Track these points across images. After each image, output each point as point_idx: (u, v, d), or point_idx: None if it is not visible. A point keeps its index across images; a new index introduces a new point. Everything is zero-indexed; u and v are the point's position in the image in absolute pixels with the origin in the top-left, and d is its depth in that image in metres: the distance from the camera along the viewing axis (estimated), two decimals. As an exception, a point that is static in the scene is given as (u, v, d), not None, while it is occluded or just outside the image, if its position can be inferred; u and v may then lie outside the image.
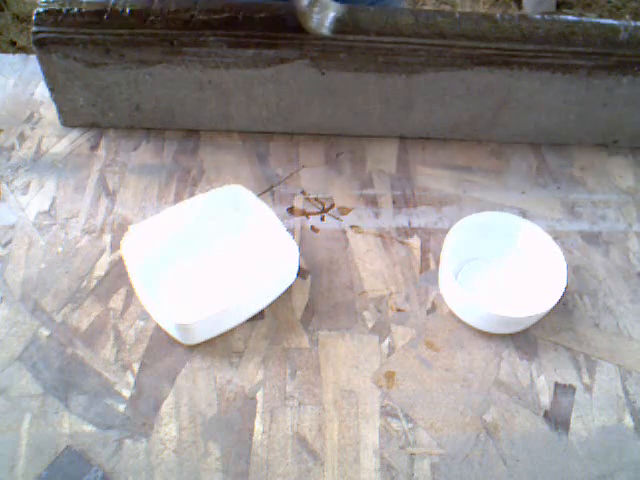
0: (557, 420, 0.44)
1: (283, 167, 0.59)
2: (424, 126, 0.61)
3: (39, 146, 0.59)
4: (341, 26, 0.53)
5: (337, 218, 0.55)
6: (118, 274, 0.50)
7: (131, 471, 0.40)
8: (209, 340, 0.46)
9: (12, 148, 0.58)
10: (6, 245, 0.51)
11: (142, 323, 0.47)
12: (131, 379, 0.44)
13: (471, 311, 0.47)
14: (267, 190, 0.57)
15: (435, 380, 0.46)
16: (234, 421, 0.43)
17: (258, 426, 0.43)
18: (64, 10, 0.53)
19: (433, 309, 0.50)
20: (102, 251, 0.51)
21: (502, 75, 0.55)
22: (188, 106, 0.58)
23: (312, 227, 0.54)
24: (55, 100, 0.58)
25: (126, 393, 0.44)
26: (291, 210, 0.55)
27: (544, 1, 1.90)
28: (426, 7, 1.89)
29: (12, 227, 0.52)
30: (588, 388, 0.46)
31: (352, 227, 0.54)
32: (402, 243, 0.54)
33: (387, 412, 0.44)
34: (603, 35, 0.54)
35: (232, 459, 0.41)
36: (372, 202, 0.56)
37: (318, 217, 0.55)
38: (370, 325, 0.48)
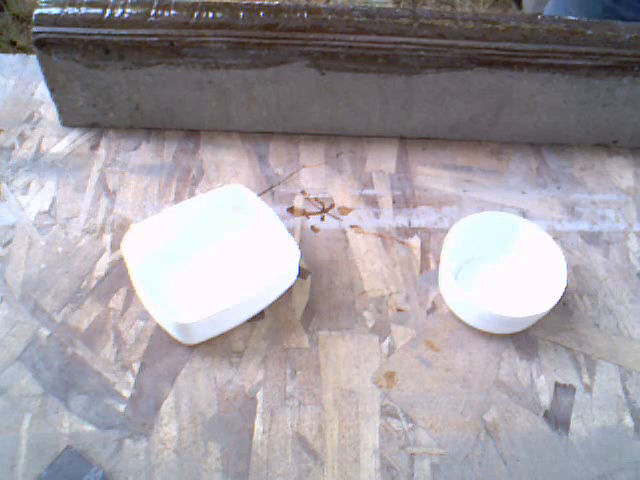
0: (557, 420, 0.44)
1: (283, 167, 0.59)
2: (424, 126, 0.61)
3: (39, 146, 0.59)
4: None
5: (337, 218, 0.55)
6: (118, 274, 0.50)
7: (131, 471, 0.40)
8: (209, 340, 0.46)
9: (12, 148, 0.58)
10: (6, 245, 0.51)
11: (142, 323, 0.47)
12: (131, 379, 0.44)
13: (471, 311, 0.47)
14: (267, 190, 0.57)
15: (435, 380, 0.46)
16: (234, 421, 0.43)
17: (258, 426, 0.43)
18: (64, 10, 0.53)
19: (433, 309, 0.50)
20: (102, 251, 0.51)
21: (502, 75, 0.55)
22: (188, 106, 0.58)
23: (312, 227, 0.54)
24: (55, 100, 0.58)
25: (126, 393, 0.44)
26: (291, 210, 0.55)
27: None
28: (426, 7, 1.89)
29: (12, 227, 0.52)
30: (588, 388, 0.46)
31: (352, 227, 0.54)
32: (402, 243, 0.54)
33: (387, 412, 0.44)
34: (603, 35, 0.55)
35: (232, 459, 0.41)
36: (372, 202, 0.56)
37: (318, 217, 0.55)
38: (370, 325, 0.48)
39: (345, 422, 0.43)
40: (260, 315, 0.48)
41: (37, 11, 0.53)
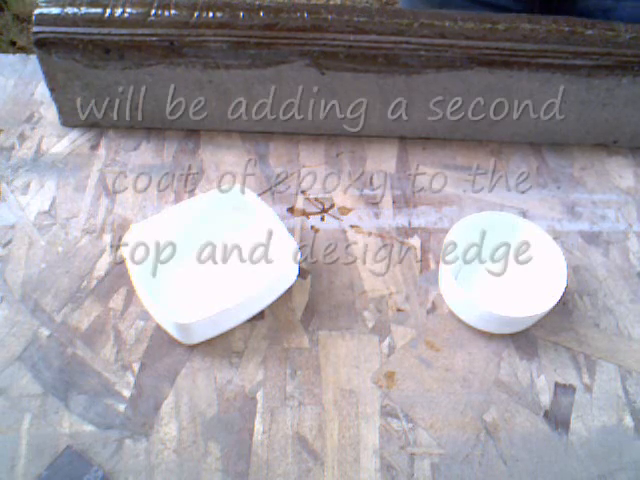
0: (557, 420, 0.44)
1: (283, 167, 0.59)
2: (424, 126, 0.61)
3: (39, 146, 0.59)
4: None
5: (337, 218, 0.55)
6: (118, 274, 0.50)
7: (131, 471, 0.40)
8: (209, 340, 0.46)
9: (12, 148, 0.58)
10: (6, 245, 0.51)
11: (142, 323, 0.47)
12: (131, 379, 0.44)
13: (471, 311, 0.47)
14: (267, 190, 0.57)
15: (435, 380, 0.46)
16: (234, 421, 0.43)
17: (258, 426, 0.43)
18: (64, 10, 0.53)
19: (433, 309, 0.50)
20: (102, 251, 0.51)
21: (502, 75, 0.55)
22: (188, 106, 0.58)
23: (312, 227, 0.54)
24: (55, 100, 0.58)
25: (126, 393, 0.44)
26: (291, 210, 0.55)
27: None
28: (426, 7, 1.88)
29: (12, 227, 0.52)
30: (588, 388, 0.46)
31: (352, 227, 0.54)
32: (402, 243, 0.54)
33: (387, 412, 0.44)
34: (603, 35, 0.54)
35: (232, 459, 0.41)
36: (372, 202, 0.56)
37: (318, 217, 0.55)
38: (370, 325, 0.48)
39: (345, 422, 0.43)
40: (260, 315, 0.48)
41: (37, 11, 0.53)
